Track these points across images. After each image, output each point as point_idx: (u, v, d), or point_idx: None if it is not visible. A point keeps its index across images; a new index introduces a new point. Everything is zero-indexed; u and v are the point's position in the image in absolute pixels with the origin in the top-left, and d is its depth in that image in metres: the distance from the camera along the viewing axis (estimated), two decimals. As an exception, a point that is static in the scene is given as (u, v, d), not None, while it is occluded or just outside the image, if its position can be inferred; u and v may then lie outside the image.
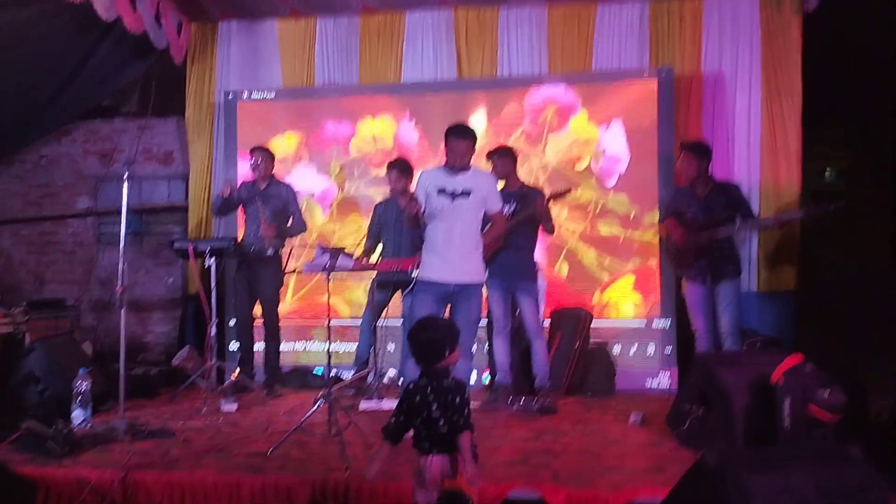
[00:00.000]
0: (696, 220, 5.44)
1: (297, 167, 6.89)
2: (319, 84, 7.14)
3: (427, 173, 4.68)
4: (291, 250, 5.11)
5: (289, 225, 6.09)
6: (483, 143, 5.53)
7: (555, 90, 6.56)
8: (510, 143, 6.26)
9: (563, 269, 6.48)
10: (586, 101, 6.50)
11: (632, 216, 6.39)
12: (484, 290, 4.76)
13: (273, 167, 6.16)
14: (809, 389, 3.83)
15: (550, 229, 5.56)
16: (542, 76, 6.71)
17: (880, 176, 7.07)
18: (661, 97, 6.35)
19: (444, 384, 3.13)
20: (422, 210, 4.49)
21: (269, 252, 5.91)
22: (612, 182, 6.43)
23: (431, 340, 3.19)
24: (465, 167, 4.57)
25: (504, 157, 5.59)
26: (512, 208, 5.42)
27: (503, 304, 5.57)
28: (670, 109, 6.37)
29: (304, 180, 6.83)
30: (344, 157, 6.84)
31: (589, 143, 6.48)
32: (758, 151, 6.43)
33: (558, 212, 6.25)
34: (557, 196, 5.50)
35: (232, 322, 6.50)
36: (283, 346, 6.30)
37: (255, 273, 6.01)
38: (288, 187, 6.19)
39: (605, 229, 6.42)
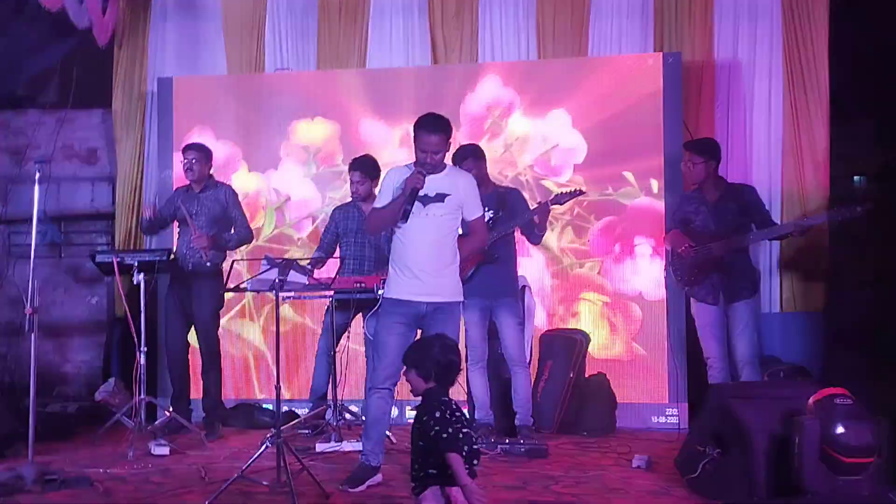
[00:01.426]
0: (705, 229, 5.40)
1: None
2: (271, 71, 7.08)
3: (395, 172, 4.60)
4: (233, 264, 4.99)
5: (232, 232, 5.99)
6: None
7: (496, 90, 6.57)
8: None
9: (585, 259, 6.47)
10: (580, 91, 6.47)
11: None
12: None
13: (210, 167, 6.08)
14: (827, 426, 3.78)
15: (538, 239, 5.53)
16: (530, 63, 6.69)
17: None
18: (667, 87, 6.33)
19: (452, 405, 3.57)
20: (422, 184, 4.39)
21: (207, 265, 5.81)
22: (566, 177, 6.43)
23: (454, 364, 3.66)
24: (439, 166, 4.49)
25: (478, 159, 5.54)
26: (491, 215, 5.38)
27: (481, 326, 5.55)
28: (678, 102, 6.35)
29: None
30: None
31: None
32: (779, 150, 6.45)
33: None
34: (562, 201, 5.44)
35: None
36: (226, 377, 6.17)
37: (190, 291, 5.92)
38: (228, 189, 6.12)
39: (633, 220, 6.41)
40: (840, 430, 3.74)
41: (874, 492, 3.72)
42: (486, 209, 5.40)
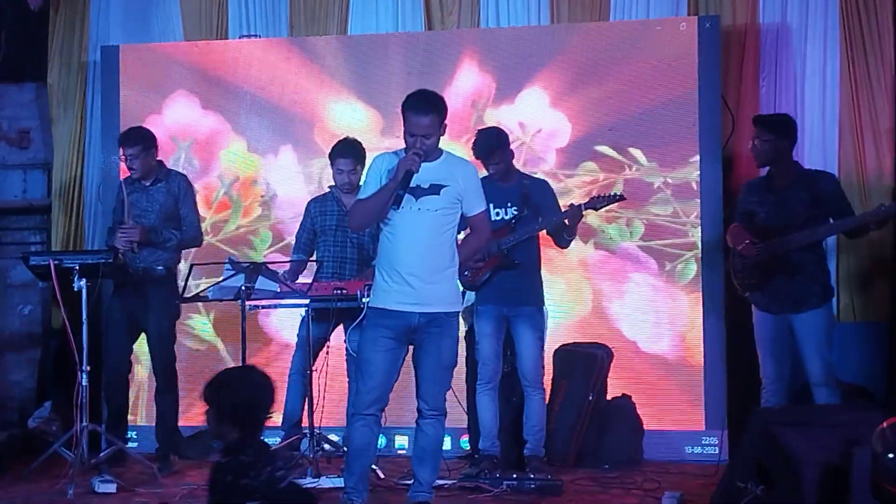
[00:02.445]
0: (769, 222, 5.39)
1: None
2: (235, 37, 7.09)
3: (382, 158, 4.61)
4: (192, 268, 5.00)
5: (176, 231, 5.96)
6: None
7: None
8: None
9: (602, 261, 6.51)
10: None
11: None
12: (462, 324, 4.71)
13: (156, 155, 6.06)
14: (880, 454, 3.79)
15: (567, 244, 5.57)
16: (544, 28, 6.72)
17: None
18: (704, 56, 6.34)
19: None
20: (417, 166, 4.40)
21: (158, 269, 5.83)
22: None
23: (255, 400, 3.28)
24: (433, 152, 4.50)
25: (505, 149, 5.61)
26: (515, 213, 5.39)
27: (495, 339, 5.59)
28: (716, 73, 6.37)
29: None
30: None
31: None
32: (835, 129, 6.45)
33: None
34: (600, 205, 5.46)
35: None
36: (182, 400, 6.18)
37: (141, 300, 5.91)
38: (182, 179, 6.13)
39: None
40: (891, 455, 3.75)
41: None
42: (509, 205, 5.44)
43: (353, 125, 6.61)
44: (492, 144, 5.56)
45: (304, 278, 5.83)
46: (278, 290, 4.98)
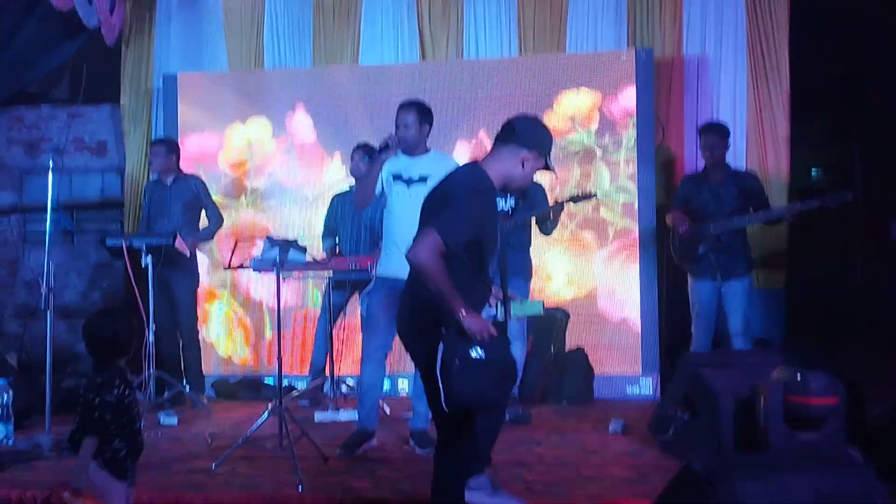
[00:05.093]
0: (704, 208, 5.43)
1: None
2: (270, 67, 7.05)
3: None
4: (236, 243, 5.01)
5: (206, 226, 6.09)
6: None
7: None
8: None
9: (563, 241, 6.42)
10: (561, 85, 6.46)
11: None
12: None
13: (176, 160, 6.09)
14: (786, 382, 3.83)
15: (550, 231, 5.51)
16: (512, 59, 6.68)
17: (872, 171, 7.12)
18: (640, 81, 6.33)
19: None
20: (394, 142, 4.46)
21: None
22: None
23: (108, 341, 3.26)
24: (417, 147, 4.54)
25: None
26: (512, 204, 5.39)
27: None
28: (650, 95, 6.36)
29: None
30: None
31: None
32: (744, 139, 6.44)
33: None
34: (578, 200, 5.45)
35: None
36: (237, 353, 6.15)
37: (170, 273, 5.86)
38: (197, 179, 6.16)
39: (607, 206, 6.38)
40: (800, 377, 3.81)
41: (833, 447, 3.76)
42: (509, 196, 5.42)
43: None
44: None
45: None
46: (305, 262, 4.95)
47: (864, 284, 6.96)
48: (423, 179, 4.46)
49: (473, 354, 2.95)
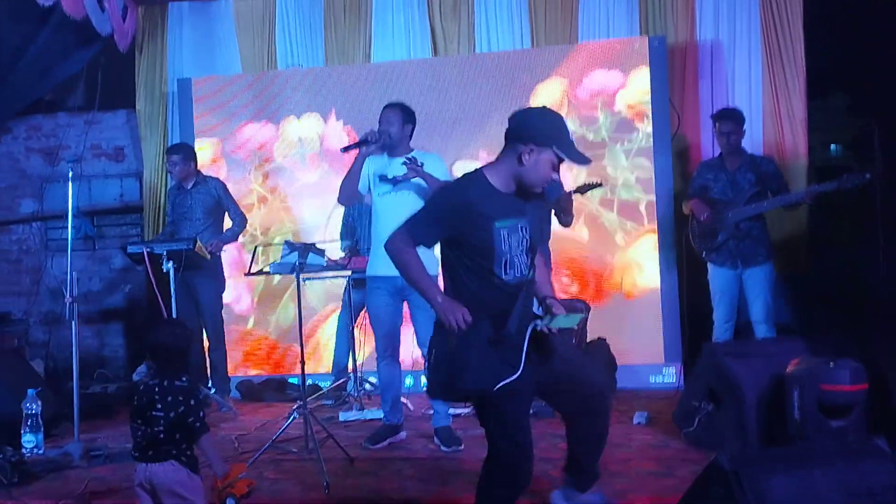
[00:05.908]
0: (723, 196, 5.39)
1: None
2: (282, 68, 7.04)
3: (371, 160, 4.66)
4: (256, 248, 5.03)
5: (230, 227, 6.10)
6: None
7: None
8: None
9: (582, 232, 6.39)
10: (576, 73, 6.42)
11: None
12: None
13: (194, 165, 6.11)
14: (818, 371, 3.80)
15: (568, 223, 5.45)
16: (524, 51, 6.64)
17: (892, 146, 7.02)
18: (654, 68, 6.28)
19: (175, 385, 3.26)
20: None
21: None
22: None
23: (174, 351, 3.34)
24: (399, 145, 4.57)
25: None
26: None
27: None
28: (664, 81, 6.31)
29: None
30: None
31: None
32: (760, 122, 6.38)
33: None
34: (584, 190, 5.40)
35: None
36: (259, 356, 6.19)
37: (194, 277, 5.87)
38: (217, 181, 6.18)
39: (626, 194, 6.35)
40: (832, 364, 3.78)
41: (860, 436, 3.74)
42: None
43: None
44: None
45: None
46: (325, 265, 4.95)
47: (886, 267, 6.86)
48: (407, 179, 4.49)
49: (447, 346, 3.00)
